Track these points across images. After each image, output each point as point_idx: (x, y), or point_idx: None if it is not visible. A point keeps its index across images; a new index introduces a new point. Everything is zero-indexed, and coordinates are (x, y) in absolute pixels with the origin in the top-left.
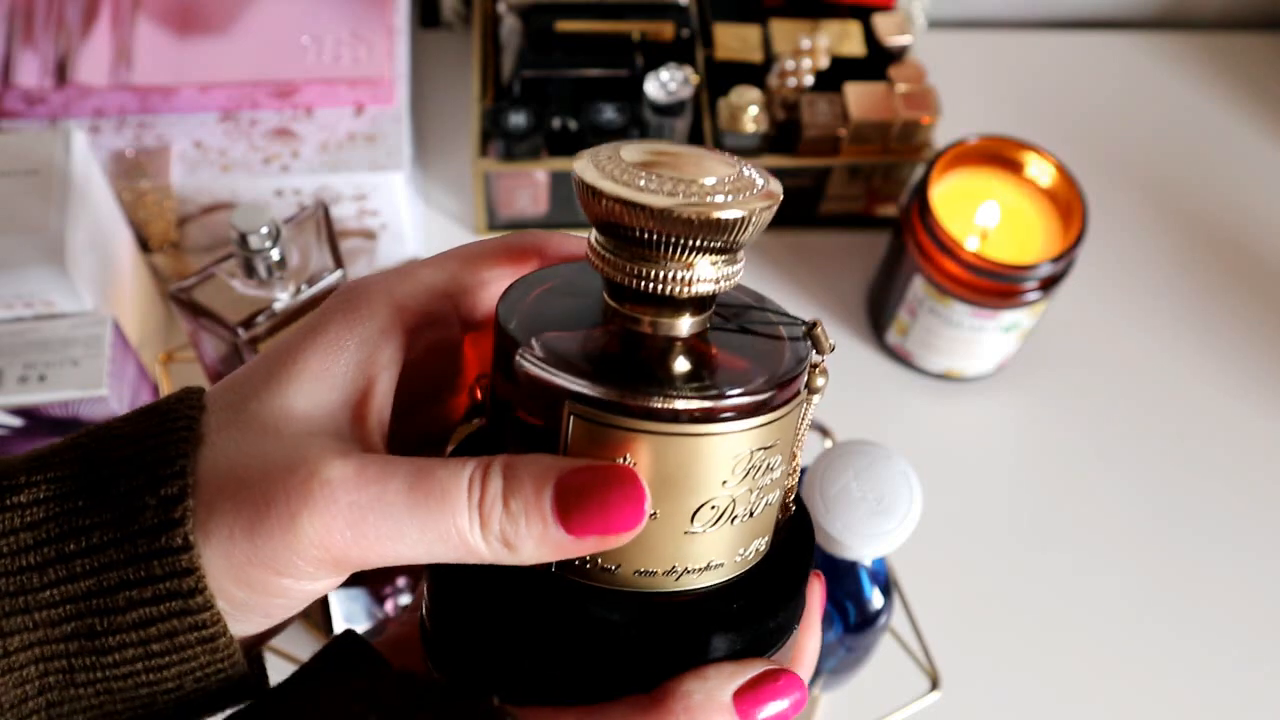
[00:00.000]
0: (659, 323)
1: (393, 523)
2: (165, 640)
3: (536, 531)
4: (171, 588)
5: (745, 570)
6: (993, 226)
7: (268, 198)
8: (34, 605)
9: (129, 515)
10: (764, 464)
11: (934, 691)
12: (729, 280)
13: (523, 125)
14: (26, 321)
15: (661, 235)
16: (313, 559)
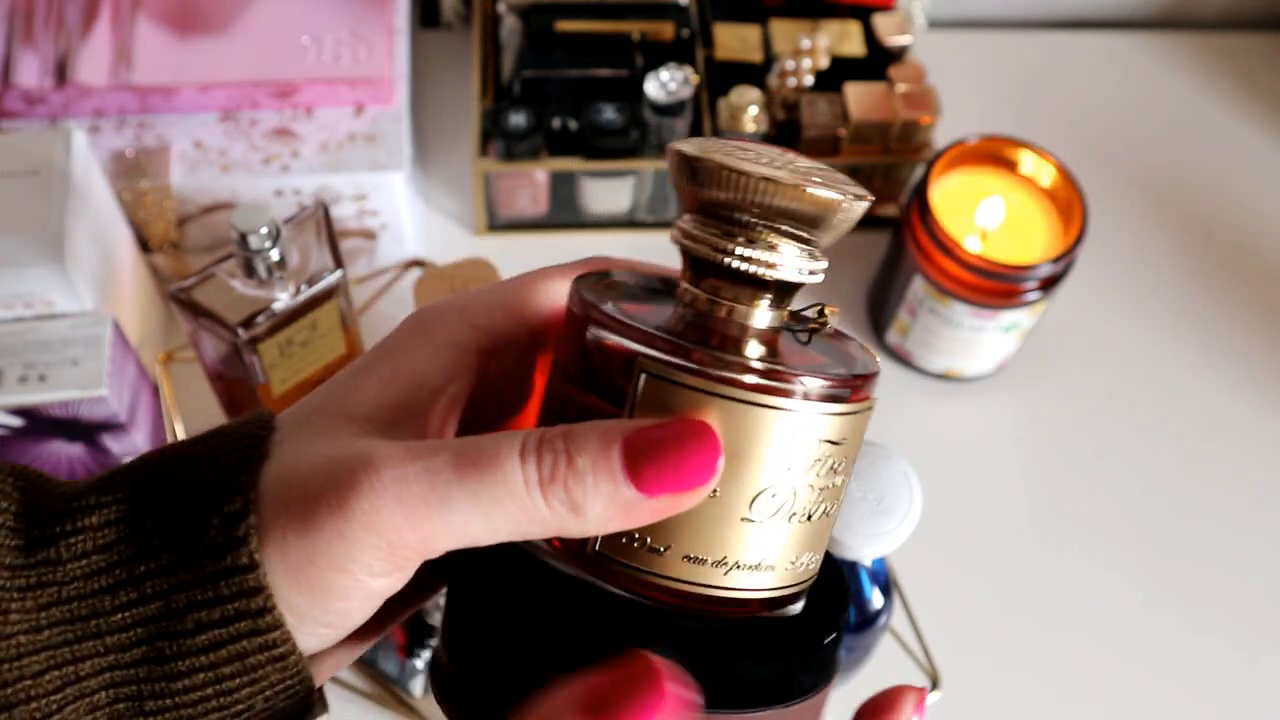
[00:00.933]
0: (736, 308)
1: (441, 494)
2: (236, 662)
3: (606, 490)
4: (240, 608)
5: (793, 585)
6: (994, 227)
7: (268, 198)
8: (105, 629)
9: (194, 535)
10: (829, 463)
11: (934, 691)
12: (810, 275)
13: (523, 125)
14: (26, 321)
15: (758, 207)
16: (367, 546)
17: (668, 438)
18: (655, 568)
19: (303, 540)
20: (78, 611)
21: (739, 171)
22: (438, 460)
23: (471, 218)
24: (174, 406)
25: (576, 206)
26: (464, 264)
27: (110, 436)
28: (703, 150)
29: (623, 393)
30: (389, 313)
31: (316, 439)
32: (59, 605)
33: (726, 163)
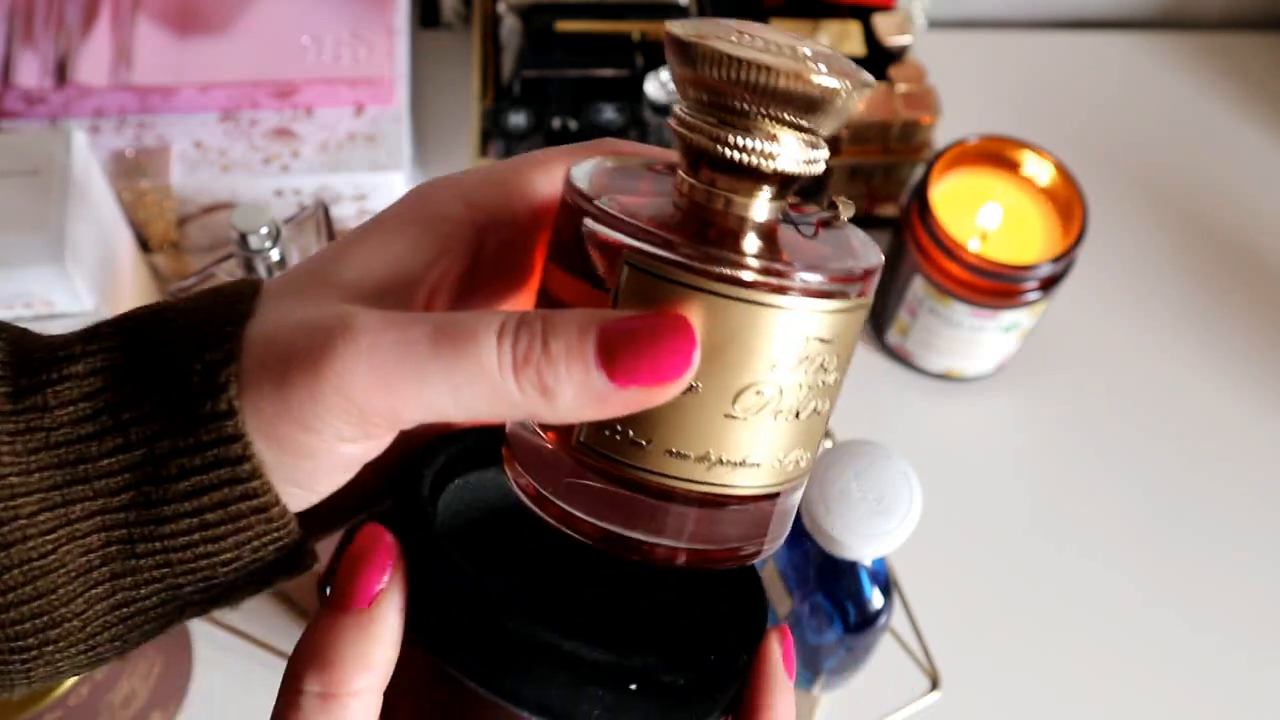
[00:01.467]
0: (734, 199)
1: (415, 364)
2: (219, 509)
3: (578, 377)
4: (219, 454)
5: (783, 482)
6: (994, 227)
7: (268, 198)
8: (94, 474)
9: (177, 381)
10: (819, 360)
11: (934, 691)
12: (810, 166)
13: (523, 125)
14: (26, 321)
15: (754, 94)
16: (336, 409)
17: (643, 329)
18: (638, 460)
19: (275, 396)
20: (66, 457)
21: (736, 58)
22: (415, 331)
23: None
24: None
25: None
26: None
27: None
28: (699, 33)
29: (612, 281)
30: None
31: (302, 302)
32: (48, 450)
33: (722, 48)
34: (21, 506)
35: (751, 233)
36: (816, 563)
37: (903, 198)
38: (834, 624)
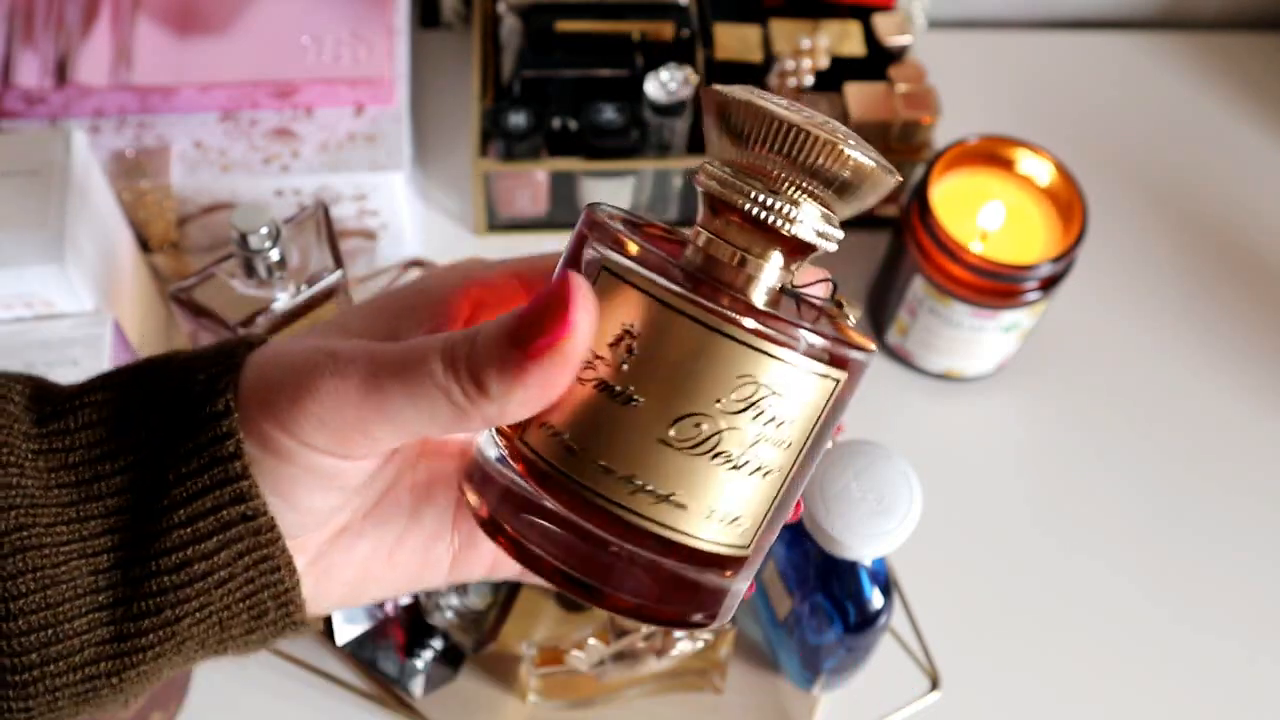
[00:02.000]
0: (747, 257)
1: (379, 383)
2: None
3: (498, 358)
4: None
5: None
6: (994, 227)
7: (268, 198)
8: (105, 492)
9: (181, 396)
10: (769, 414)
11: (934, 691)
12: (824, 240)
13: (523, 125)
14: (26, 321)
15: (787, 159)
16: (313, 417)
17: (543, 297)
18: (567, 467)
19: (264, 400)
20: (82, 475)
21: (779, 120)
22: (384, 356)
23: (471, 218)
24: None
25: (576, 206)
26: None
27: None
28: (741, 94)
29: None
30: None
31: (300, 341)
32: (66, 469)
33: (765, 108)
34: (40, 516)
35: (756, 292)
36: (816, 563)
37: (903, 198)
38: (834, 624)
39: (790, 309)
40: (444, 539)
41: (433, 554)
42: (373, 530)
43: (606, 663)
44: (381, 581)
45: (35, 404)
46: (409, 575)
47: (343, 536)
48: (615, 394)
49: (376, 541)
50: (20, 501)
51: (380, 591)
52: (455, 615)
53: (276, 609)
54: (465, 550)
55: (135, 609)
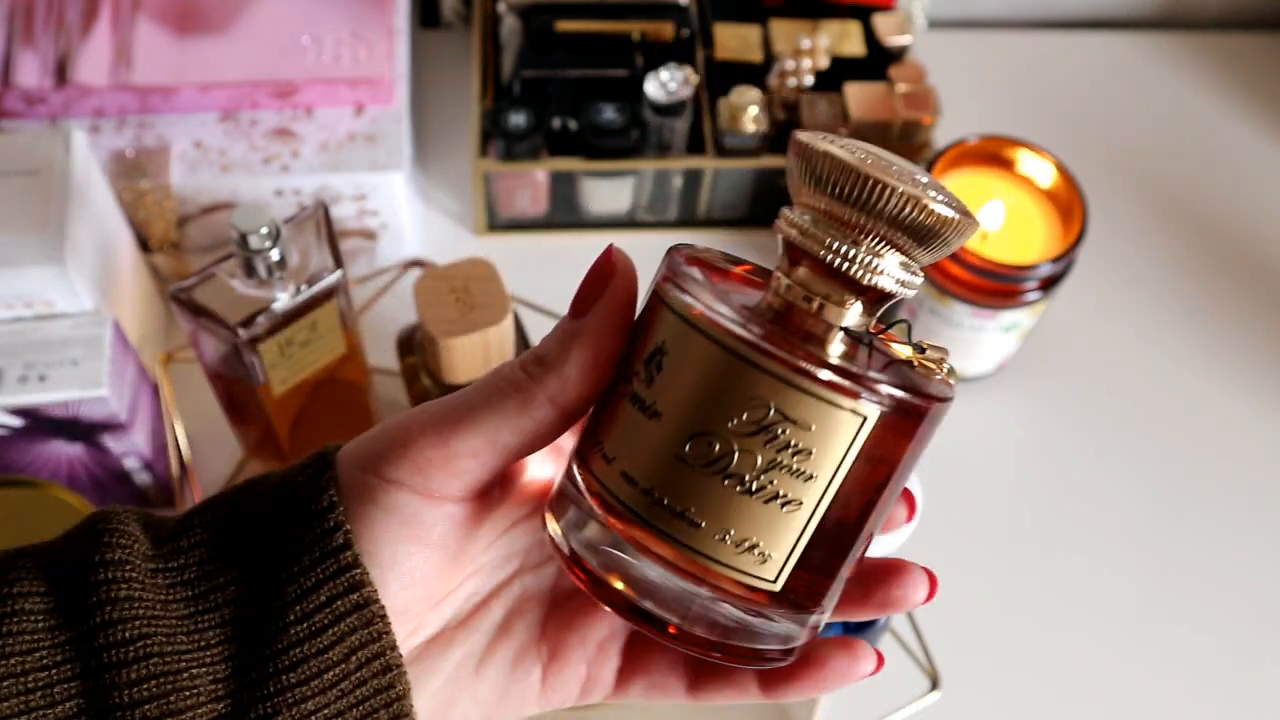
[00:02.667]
0: (827, 305)
1: (461, 405)
2: (325, 610)
3: (554, 334)
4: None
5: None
6: (994, 227)
7: (268, 198)
8: (222, 602)
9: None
10: (784, 439)
11: (934, 691)
12: (905, 288)
13: (523, 125)
14: (26, 321)
15: (871, 211)
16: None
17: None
18: (600, 474)
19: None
20: (197, 589)
21: (862, 173)
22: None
23: (471, 218)
24: (174, 406)
25: (576, 206)
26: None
27: (110, 436)
28: (823, 145)
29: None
30: (389, 313)
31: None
32: (182, 585)
33: (848, 161)
34: (160, 626)
35: (836, 341)
36: None
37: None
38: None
39: (862, 355)
40: (532, 651)
41: (521, 669)
42: (462, 639)
43: None
44: (470, 698)
45: (149, 531)
46: (497, 691)
47: (434, 644)
48: (644, 407)
49: (465, 651)
50: (141, 613)
51: (469, 712)
52: None
53: (388, 718)
54: (554, 665)
55: (252, 713)
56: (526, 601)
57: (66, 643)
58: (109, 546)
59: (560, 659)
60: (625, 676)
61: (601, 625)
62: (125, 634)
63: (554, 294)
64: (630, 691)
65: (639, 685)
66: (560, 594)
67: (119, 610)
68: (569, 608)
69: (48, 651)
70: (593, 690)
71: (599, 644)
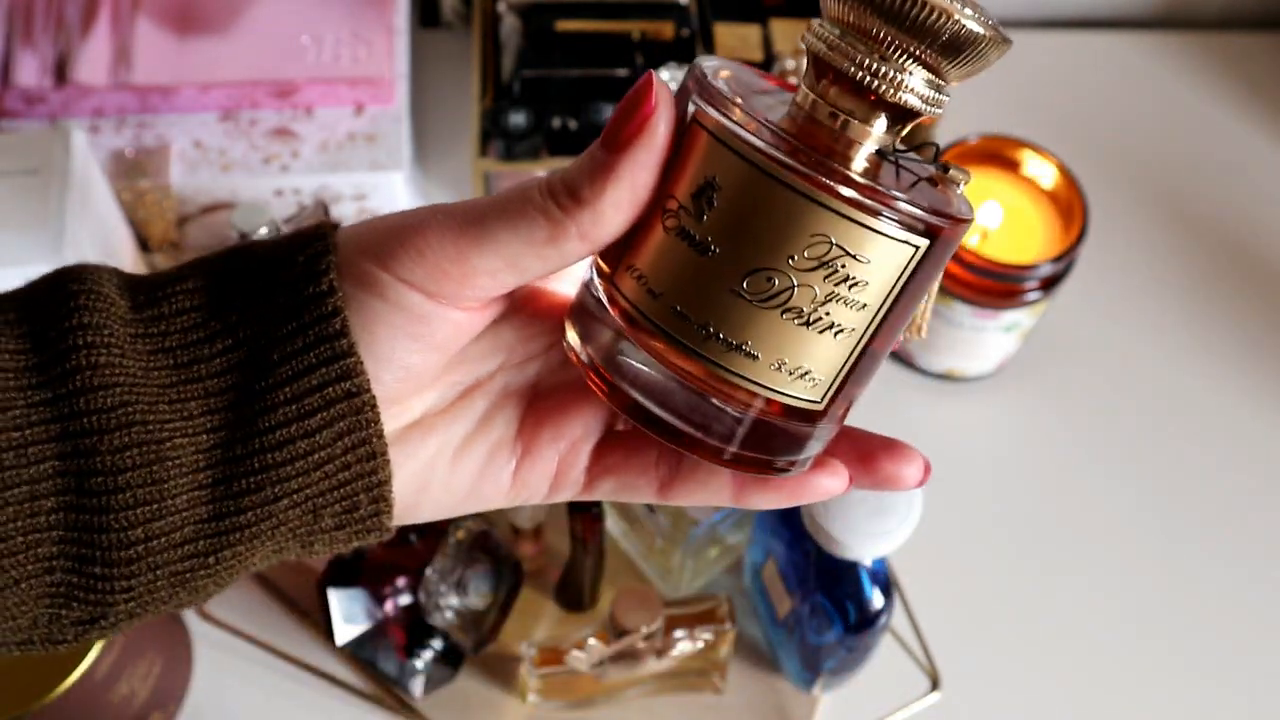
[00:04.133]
0: (851, 121)
1: (477, 216)
2: (316, 394)
3: (587, 161)
4: (319, 331)
5: (776, 389)
6: (994, 227)
7: (267, 197)
8: (205, 374)
9: (280, 278)
10: (843, 273)
11: (934, 691)
12: (930, 107)
13: (523, 125)
14: None
15: (899, 23)
16: (412, 250)
17: (624, 99)
18: (649, 310)
19: (367, 238)
20: (180, 358)
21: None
22: (485, 199)
23: None
24: None
25: None
26: None
27: None
28: None
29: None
30: None
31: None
32: (164, 353)
33: None
34: (141, 394)
35: (858, 156)
36: (816, 563)
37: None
38: (834, 624)
39: (889, 174)
40: (507, 447)
41: (495, 463)
42: (443, 427)
43: (606, 663)
44: (443, 486)
45: (128, 292)
46: (469, 480)
47: (415, 429)
48: (695, 242)
49: (444, 439)
50: (122, 380)
51: (440, 498)
52: (455, 615)
53: (368, 503)
54: (527, 460)
55: (235, 487)
56: (508, 397)
57: (43, 403)
58: (84, 309)
59: (533, 455)
60: (595, 475)
61: (576, 425)
62: (106, 400)
63: None
64: (598, 490)
65: (608, 484)
66: (540, 392)
67: (99, 376)
68: (546, 405)
69: (21, 411)
70: (561, 488)
71: (572, 443)
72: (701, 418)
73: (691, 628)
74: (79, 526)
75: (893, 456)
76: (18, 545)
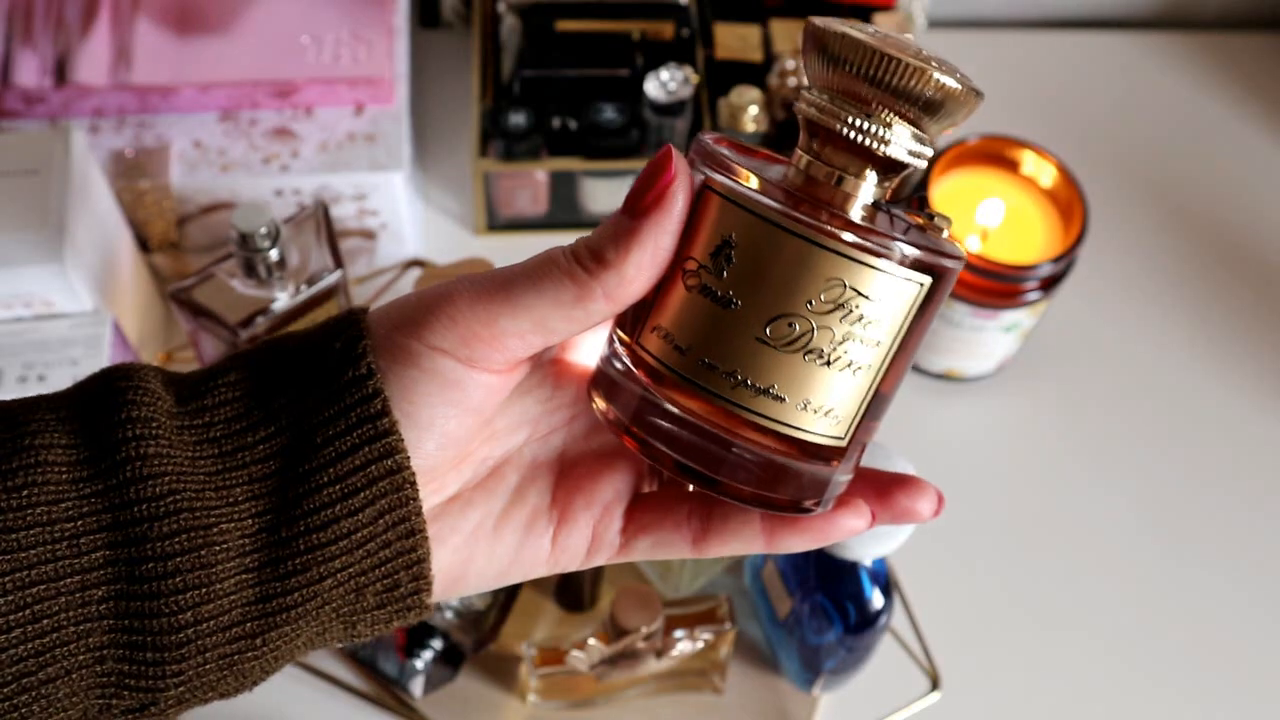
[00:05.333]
0: (844, 176)
1: (503, 281)
2: (359, 474)
3: (611, 228)
4: (362, 413)
5: (804, 428)
6: (994, 226)
7: (267, 198)
8: (250, 460)
9: (318, 365)
10: (858, 313)
11: (934, 691)
12: (915, 159)
13: (523, 125)
14: (26, 321)
15: (879, 84)
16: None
17: (645, 169)
18: (678, 365)
19: (399, 314)
20: (225, 448)
21: (871, 49)
22: (511, 266)
23: (471, 217)
24: None
25: (577, 206)
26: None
27: None
28: (837, 26)
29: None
30: None
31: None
32: (209, 443)
33: (863, 40)
34: (188, 482)
35: (853, 208)
36: (816, 563)
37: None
38: (834, 624)
39: (884, 222)
40: (544, 515)
41: (534, 531)
42: (481, 500)
43: (606, 663)
44: (487, 557)
45: (172, 387)
46: (511, 551)
47: (454, 503)
48: (717, 297)
49: (484, 512)
50: (170, 469)
51: (484, 570)
52: (455, 615)
53: (408, 580)
54: (564, 527)
55: (282, 569)
56: (538, 468)
57: (94, 495)
58: (133, 404)
59: (568, 522)
60: (630, 535)
61: (607, 489)
62: (155, 489)
63: None
64: (635, 550)
65: (644, 543)
66: (568, 461)
67: (148, 466)
68: (576, 473)
69: (73, 503)
70: (598, 551)
71: (605, 506)
72: (732, 463)
73: (691, 628)
74: (130, 614)
75: (908, 491)
76: (69, 635)
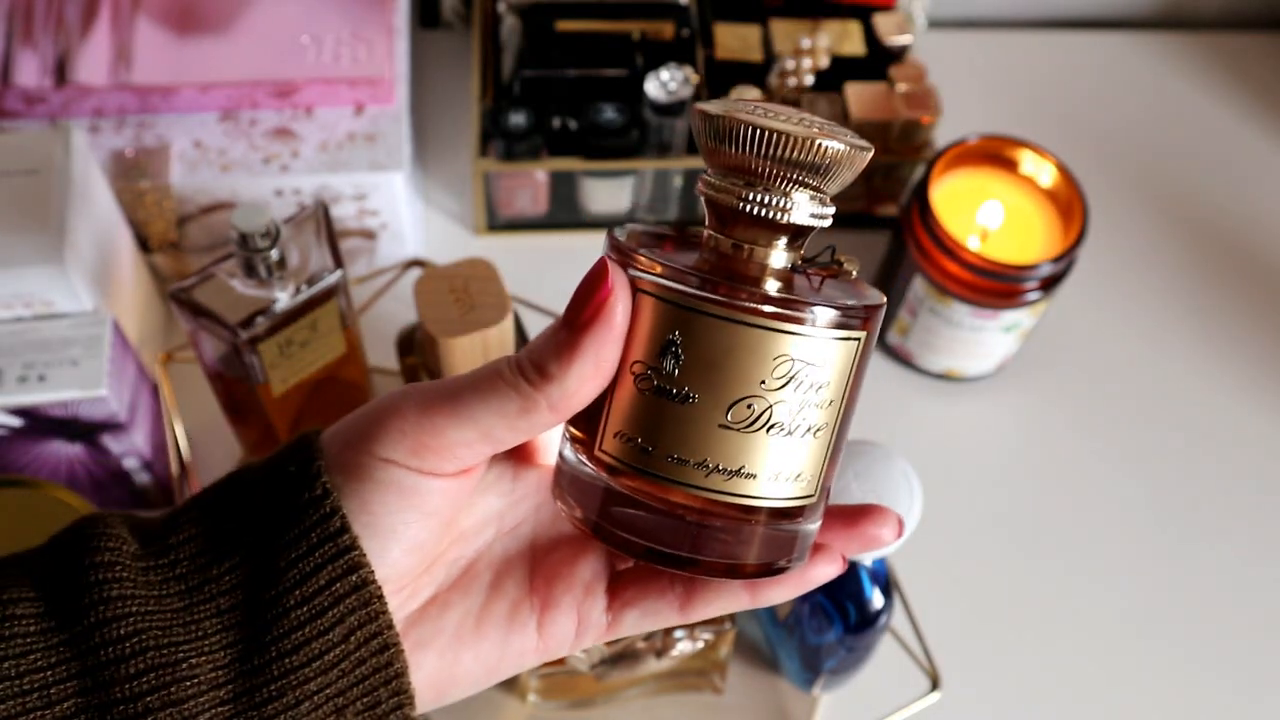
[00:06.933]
0: (754, 249)
1: (450, 392)
2: (325, 593)
3: (551, 343)
4: (322, 532)
5: (779, 497)
6: (994, 227)
7: (268, 198)
8: (217, 592)
9: (276, 491)
10: (809, 381)
11: (934, 691)
12: (820, 220)
13: (523, 125)
14: (26, 321)
15: (771, 159)
16: (394, 431)
17: (582, 282)
18: (646, 465)
19: (348, 431)
20: (191, 582)
21: (757, 127)
22: (456, 377)
23: (471, 217)
24: (174, 406)
25: (576, 206)
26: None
27: (110, 436)
28: (724, 110)
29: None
30: (389, 313)
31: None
32: (174, 580)
33: (747, 120)
34: (154, 621)
35: (770, 278)
36: None
37: (903, 197)
38: (834, 624)
39: (803, 284)
40: (525, 604)
41: (517, 621)
42: (458, 600)
43: (606, 663)
44: (473, 655)
45: (136, 533)
46: (497, 645)
47: (431, 607)
48: (673, 396)
49: (463, 610)
50: (135, 609)
51: (473, 669)
52: None
53: (388, 696)
54: (547, 614)
55: (257, 697)
56: (510, 562)
57: (60, 644)
58: (97, 550)
59: (551, 608)
60: (616, 611)
61: (584, 570)
62: (120, 630)
63: (554, 294)
64: (624, 624)
65: (631, 616)
66: (540, 550)
67: (112, 609)
68: (550, 560)
69: (41, 654)
70: (586, 632)
71: (585, 586)
72: (708, 543)
73: (691, 628)
74: None
75: (873, 520)
76: None
